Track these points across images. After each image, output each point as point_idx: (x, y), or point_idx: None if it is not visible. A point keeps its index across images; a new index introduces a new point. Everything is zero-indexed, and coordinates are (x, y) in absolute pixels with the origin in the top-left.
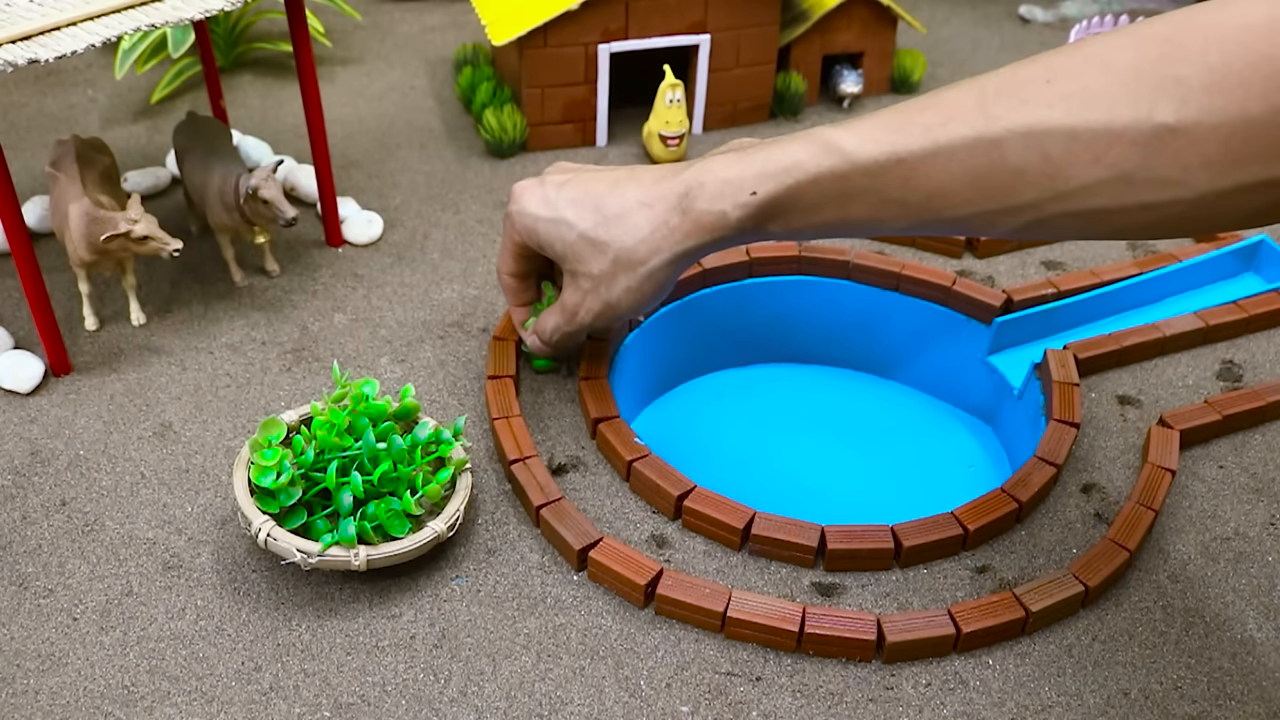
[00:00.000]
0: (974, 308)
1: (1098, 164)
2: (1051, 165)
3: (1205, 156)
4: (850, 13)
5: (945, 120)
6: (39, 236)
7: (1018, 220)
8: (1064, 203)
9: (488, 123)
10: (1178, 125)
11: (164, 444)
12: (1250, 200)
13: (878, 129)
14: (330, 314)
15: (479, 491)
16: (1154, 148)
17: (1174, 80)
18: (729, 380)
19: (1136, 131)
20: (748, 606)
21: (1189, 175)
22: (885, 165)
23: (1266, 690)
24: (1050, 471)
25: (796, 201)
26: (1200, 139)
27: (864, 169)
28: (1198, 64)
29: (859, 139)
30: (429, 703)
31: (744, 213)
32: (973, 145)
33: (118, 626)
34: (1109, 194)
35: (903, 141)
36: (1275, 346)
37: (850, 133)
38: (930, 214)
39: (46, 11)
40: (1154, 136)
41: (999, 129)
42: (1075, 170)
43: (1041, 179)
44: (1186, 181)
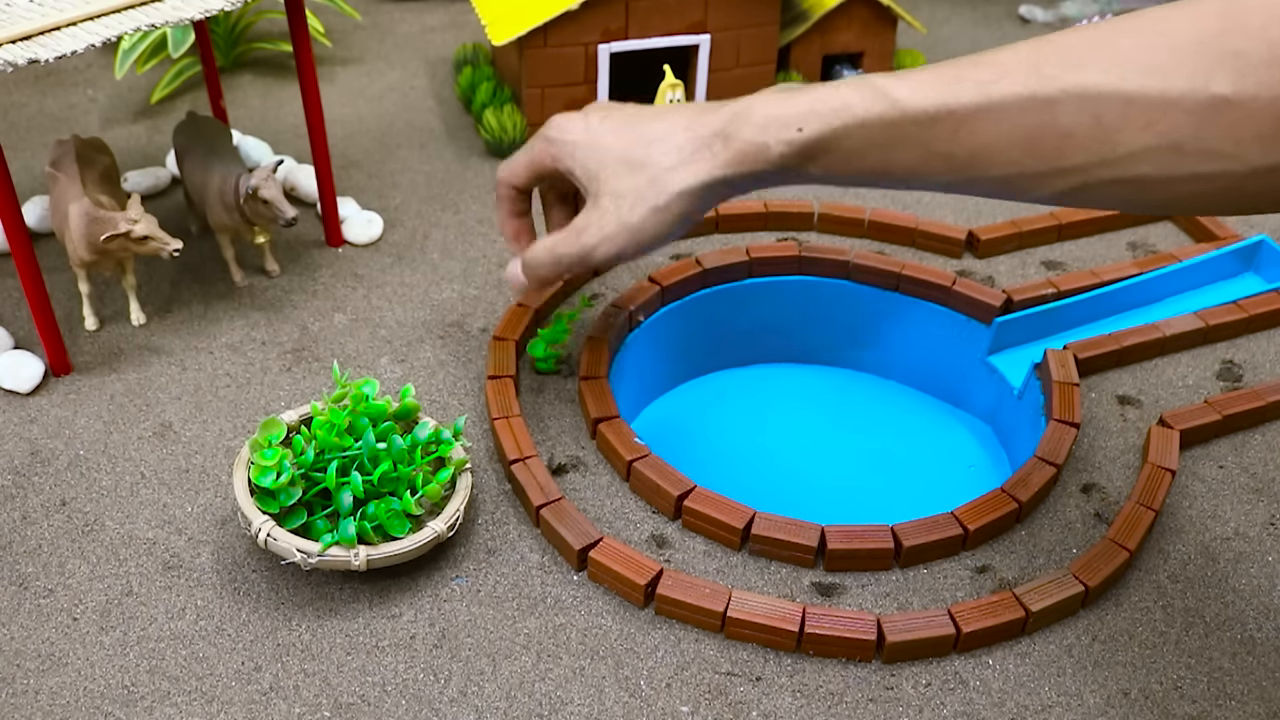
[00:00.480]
0: (974, 308)
1: (1149, 130)
2: (1102, 129)
3: (1259, 130)
4: (850, 13)
5: (999, 76)
6: (39, 236)
7: (1062, 184)
8: (1111, 168)
9: (488, 123)
10: (1234, 97)
11: (164, 444)
12: None
13: (931, 80)
14: (330, 314)
15: (479, 491)
16: (1208, 118)
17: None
18: (729, 380)
19: (1192, 101)
20: (748, 606)
21: (1241, 148)
22: (935, 116)
23: (1266, 690)
24: (1050, 471)
25: (842, 143)
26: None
27: (914, 117)
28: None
29: (911, 88)
30: (429, 703)
31: (787, 148)
32: (1025, 103)
33: (118, 626)
34: (1158, 162)
35: (954, 94)
36: (1275, 346)
37: (903, 82)
38: (975, 170)
39: (46, 11)
40: (1209, 107)
41: (1053, 89)
42: (1126, 135)
43: (1091, 142)
44: (1238, 154)
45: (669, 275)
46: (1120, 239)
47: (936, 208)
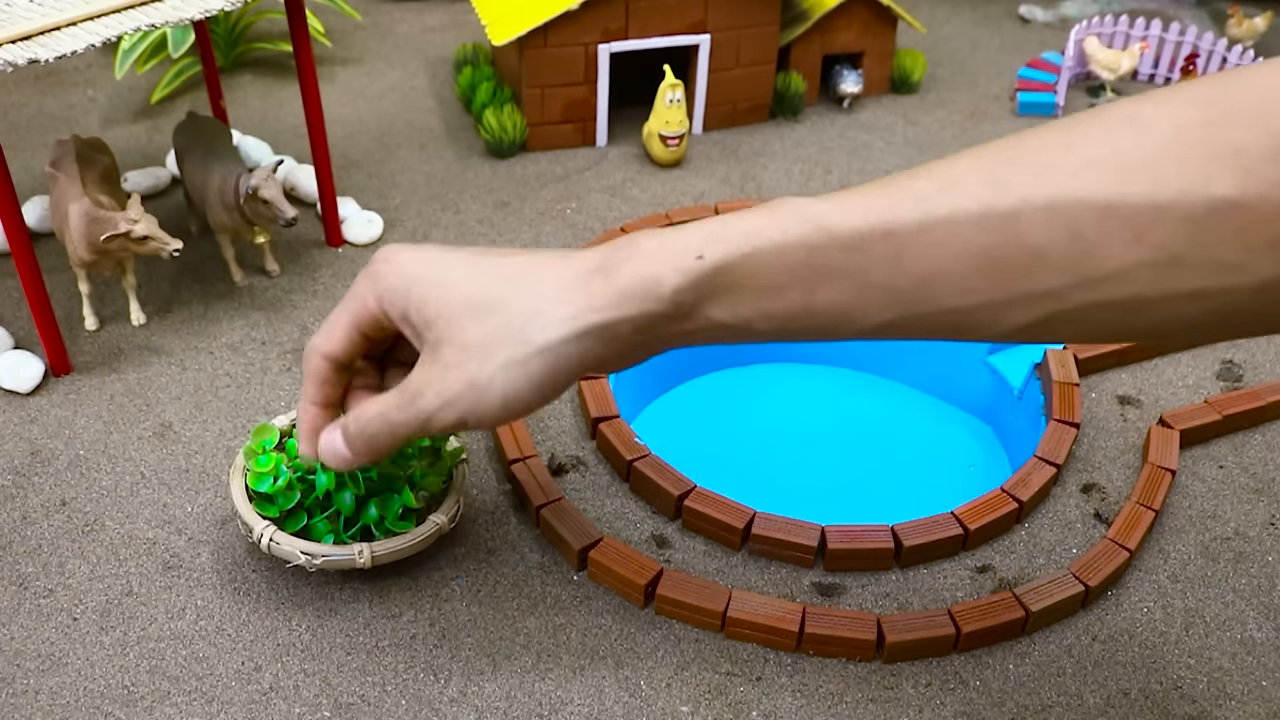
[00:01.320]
0: None
1: (1140, 244)
2: (1082, 244)
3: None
4: (850, 13)
5: (945, 188)
6: (39, 236)
7: (1033, 313)
8: (1094, 290)
9: (488, 123)
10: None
11: (164, 444)
12: None
13: (864, 197)
14: (330, 314)
15: (478, 491)
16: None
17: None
18: (729, 380)
19: (1188, 205)
20: (748, 606)
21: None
22: (869, 238)
23: (1266, 690)
24: (1050, 471)
25: (753, 275)
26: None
27: (843, 241)
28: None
29: (838, 206)
30: (429, 703)
31: (683, 279)
32: (980, 219)
33: (118, 626)
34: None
35: (892, 211)
36: (1275, 346)
37: (828, 201)
38: (921, 303)
39: (46, 11)
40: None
41: (1012, 200)
42: (1111, 251)
43: (1068, 261)
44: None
45: None
46: None
47: None
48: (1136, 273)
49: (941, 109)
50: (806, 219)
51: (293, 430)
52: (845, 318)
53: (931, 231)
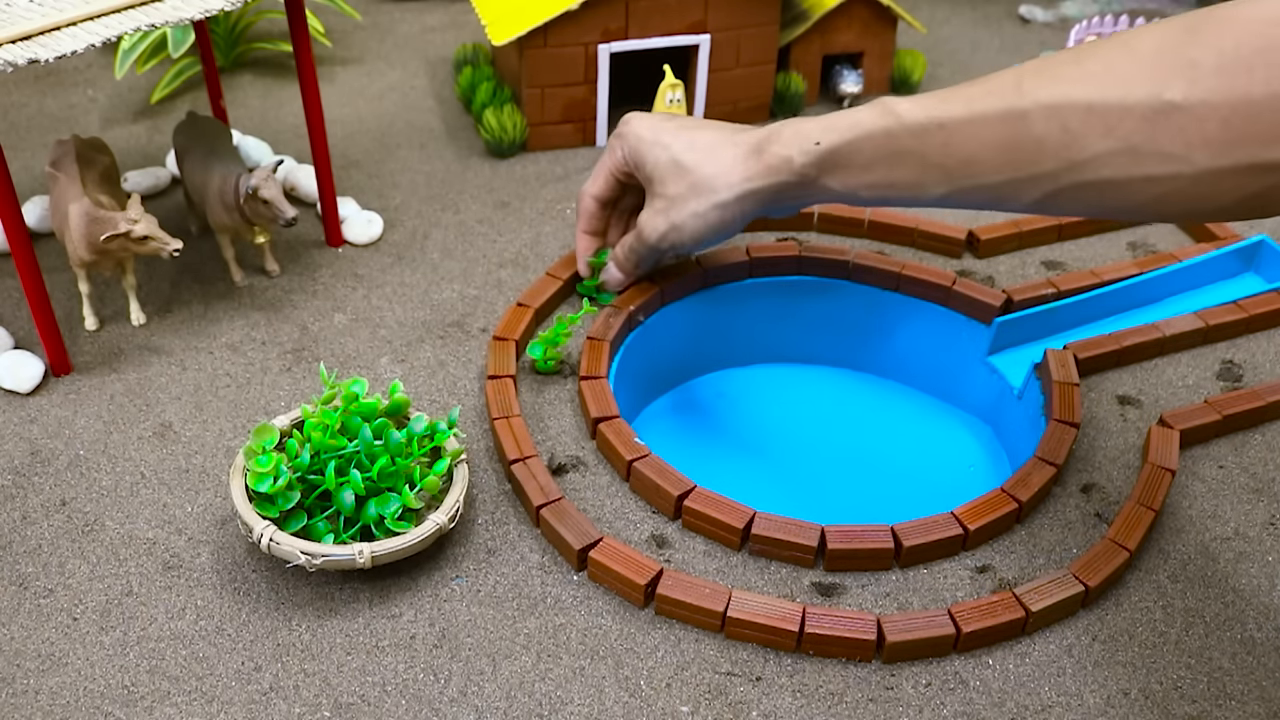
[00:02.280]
0: (974, 308)
1: (1109, 136)
2: (1068, 136)
3: (1205, 135)
4: (850, 13)
5: (985, 94)
6: (39, 236)
7: (1038, 190)
8: (1077, 173)
9: (488, 123)
10: (1184, 103)
11: (164, 444)
12: (1246, 183)
13: (930, 98)
14: (330, 314)
15: (479, 491)
16: (1160, 123)
17: (1188, 62)
18: (729, 380)
19: (1146, 107)
20: (748, 606)
21: (1190, 151)
22: (928, 128)
23: (1266, 690)
24: (1050, 471)
25: (853, 156)
26: (1203, 117)
27: (911, 130)
28: (1212, 49)
29: (912, 104)
30: (429, 703)
31: (807, 159)
32: (1004, 116)
33: (118, 626)
34: (1117, 165)
35: (945, 109)
36: (1275, 346)
37: (908, 100)
38: (965, 180)
39: (46, 11)
40: (1160, 112)
41: (1028, 102)
42: (1088, 141)
43: (1059, 149)
44: (1187, 157)
45: (669, 275)
46: (1120, 239)
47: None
48: (1108, 159)
49: None
50: (890, 113)
51: (293, 430)
52: (917, 189)
53: (970, 124)
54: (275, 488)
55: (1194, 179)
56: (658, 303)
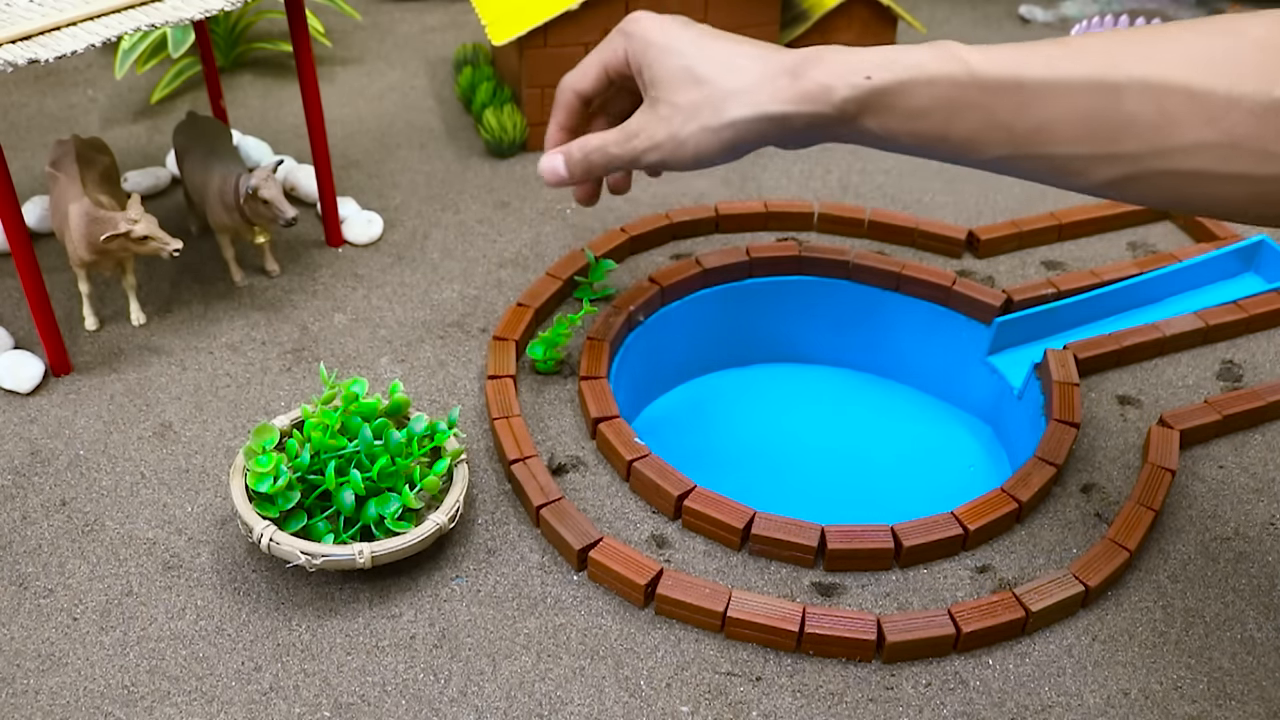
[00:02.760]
0: (974, 308)
1: (1210, 126)
2: (1164, 119)
3: None
4: (850, 13)
5: (1070, 56)
6: (39, 236)
7: (1114, 170)
8: (1165, 159)
9: (488, 123)
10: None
11: (164, 444)
12: None
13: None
14: (330, 314)
15: (479, 491)
16: (1267, 120)
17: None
18: (729, 380)
19: (1254, 102)
20: (748, 606)
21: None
22: (1004, 84)
23: (1266, 690)
24: (1050, 471)
25: (907, 99)
26: None
27: (983, 83)
28: None
29: (985, 55)
30: (429, 703)
31: (851, 93)
32: (1093, 85)
33: (118, 626)
34: (1213, 158)
35: (1027, 66)
36: (1275, 346)
37: (978, 49)
38: (1031, 146)
39: (46, 11)
40: (1269, 110)
41: (1121, 75)
42: (1186, 128)
43: (1150, 131)
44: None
45: (669, 275)
46: (1120, 239)
47: (936, 208)
48: (1202, 151)
49: None
50: (958, 60)
51: (293, 430)
52: (971, 146)
53: (1052, 88)
54: (275, 488)
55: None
56: (658, 303)
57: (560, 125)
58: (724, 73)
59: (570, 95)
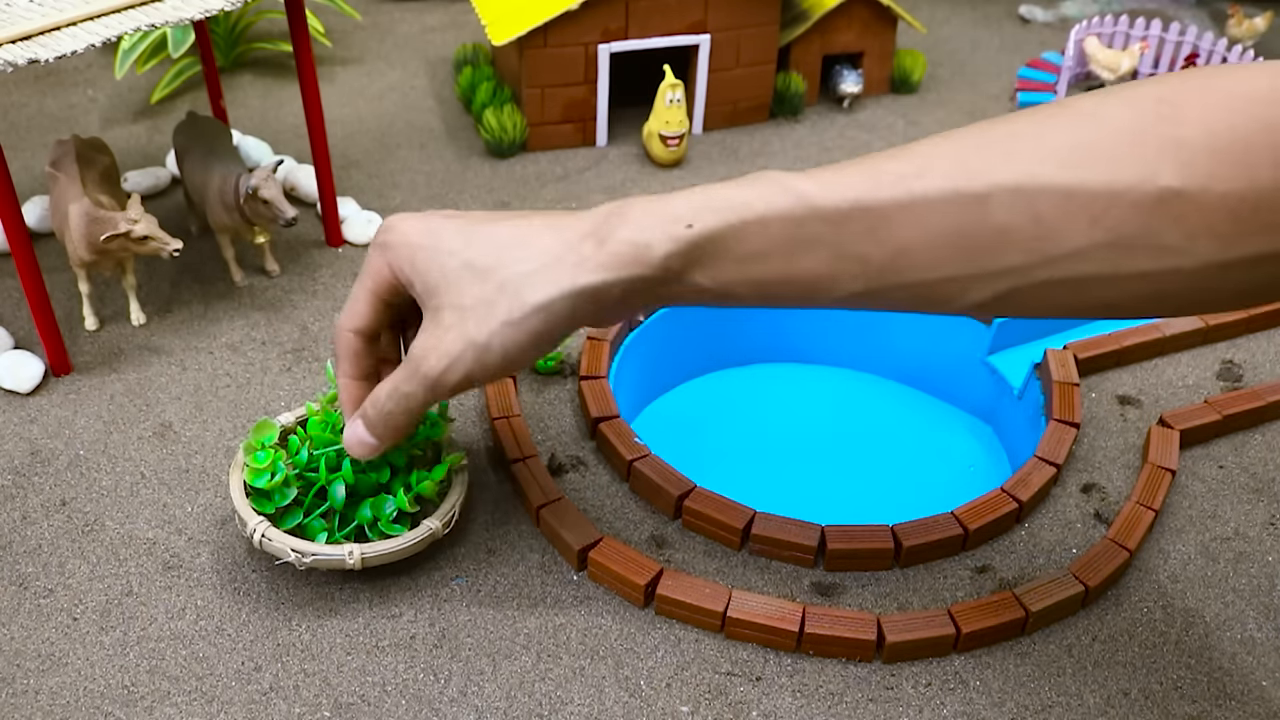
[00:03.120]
0: None
1: (1095, 226)
2: (1043, 226)
3: (1211, 224)
4: (850, 13)
5: (920, 170)
6: (39, 236)
7: (995, 287)
8: (1052, 268)
9: (488, 123)
10: (1183, 190)
11: (164, 444)
12: (1252, 275)
13: (844, 175)
14: (330, 314)
15: (478, 491)
16: (1158, 212)
17: (1175, 142)
18: (729, 380)
19: (1139, 193)
20: (748, 606)
21: (1193, 243)
22: (849, 213)
23: (1266, 690)
24: (1050, 471)
25: (739, 244)
26: (1208, 206)
27: (824, 215)
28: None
29: (820, 184)
30: (429, 703)
31: (673, 247)
32: (952, 199)
33: (118, 626)
34: (1104, 260)
35: (872, 189)
36: (1275, 346)
37: (810, 177)
38: (893, 274)
39: (46, 11)
40: (1158, 200)
41: (982, 184)
42: (1069, 233)
43: (1030, 240)
44: (1190, 250)
45: None
46: None
47: None
48: (1092, 253)
49: (941, 109)
50: (790, 192)
51: (295, 428)
52: (820, 286)
53: (908, 209)
54: (271, 484)
55: (1194, 273)
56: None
57: (350, 375)
58: (513, 256)
59: (348, 338)
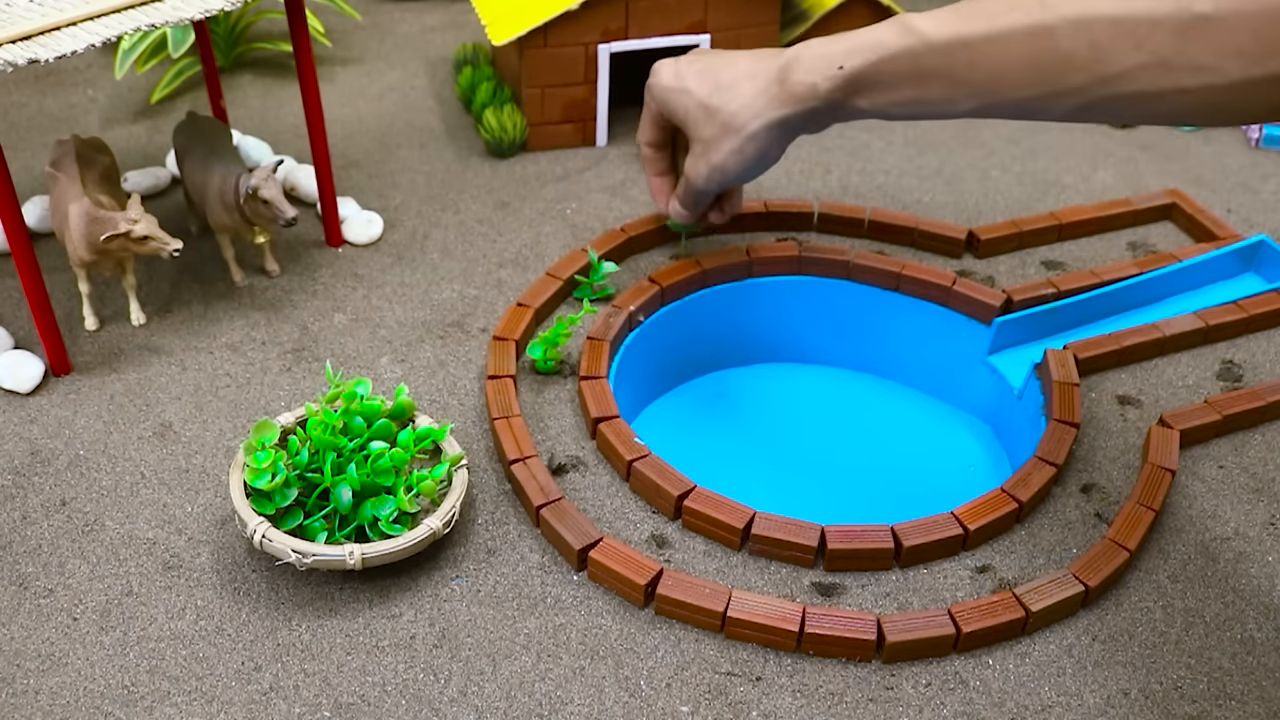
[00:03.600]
0: (974, 308)
1: (1139, 50)
2: (1097, 50)
3: (1239, 45)
4: (850, 12)
5: (1008, 8)
6: (39, 236)
7: (1069, 103)
8: (1108, 86)
9: (488, 123)
10: (1214, 14)
11: (164, 444)
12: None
13: (952, 14)
14: (330, 314)
15: (478, 491)
16: (1191, 35)
17: None
18: (729, 380)
19: (1175, 20)
20: (748, 606)
21: (1223, 62)
22: (953, 46)
23: (1266, 690)
24: (1050, 471)
25: (879, 77)
26: (1235, 28)
27: (935, 48)
28: None
29: (934, 22)
30: (429, 703)
31: (832, 84)
32: (1028, 32)
33: (118, 626)
34: (1148, 79)
35: (968, 26)
36: (1275, 346)
37: (928, 17)
38: (994, 95)
39: (46, 11)
40: (1191, 25)
41: (1053, 17)
42: (1118, 55)
43: (1088, 63)
44: (1220, 68)
45: (669, 275)
46: (1120, 239)
47: (936, 208)
48: (1138, 73)
49: None
50: (912, 31)
51: (295, 428)
52: (948, 105)
53: (993, 41)
54: (272, 484)
55: (1229, 89)
56: (658, 303)
57: (652, 174)
58: (728, 99)
59: (644, 149)
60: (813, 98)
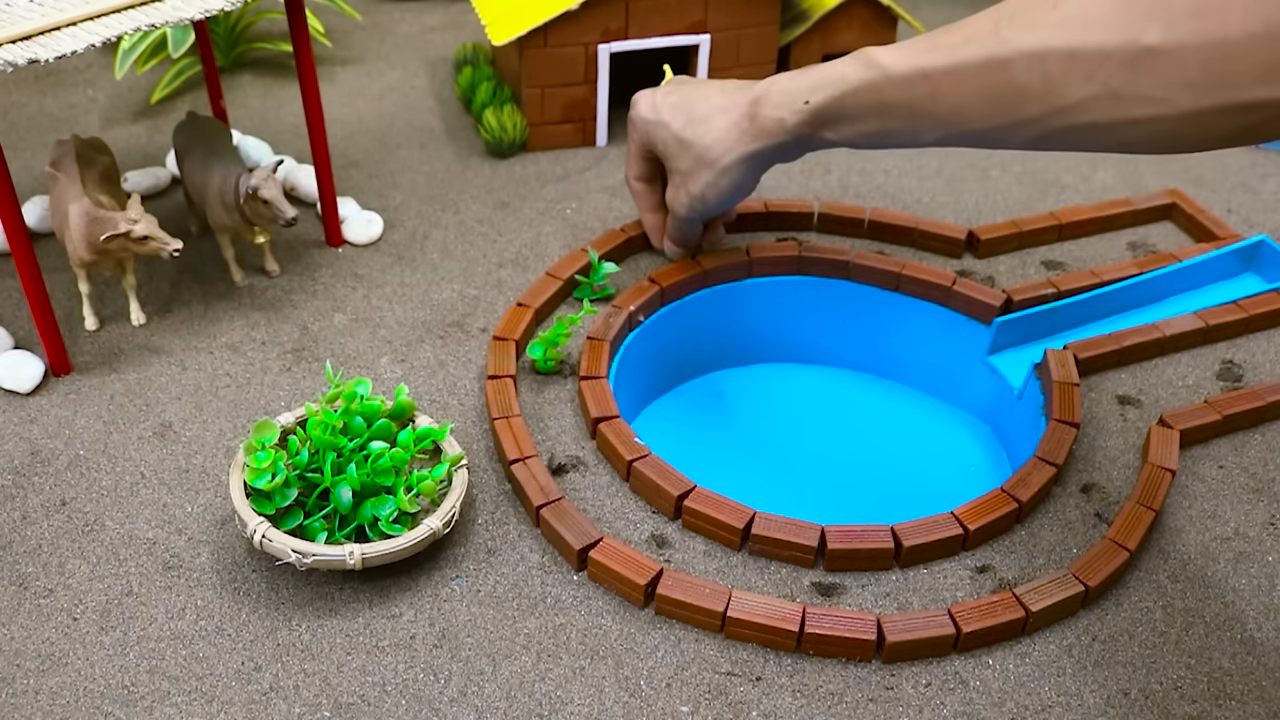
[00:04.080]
0: (974, 308)
1: (1090, 81)
2: (1050, 83)
3: (1187, 77)
4: (850, 13)
5: (965, 41)
6: (39, 236)
7: (1028, 133)
8: (1063, 117)
9: (488, 123)
10: (1161, 47)
11: (164, 444)
12: (1229, 122)
13: (912, 48)
14: (330, 314)
15: (479, 491)
16: (1140, 67)
17: (1162, 5)
18: (729, 380)
19: (1125, 52)
20: (748, 606)
21: (1172, 94)
22: (913, 79)
23: (1266, 690)
24: (1050, 471)
25: (843, 111)
26: (1183, 60)
27: (896, 82)
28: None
29: (895, 55)
30: (429, 703)
31: (799, 119)
32: (985, 65)
33: (118, 626)
34: (1100, 110)
35: (928, 59)
36: (1275, 346)
37: (890, 51)
38: (955, 126)
39: (46, 11)
40: (1140, 57)
41: (1008, 50)
42: (1070, 87)
43: (1043, 95)
44: (1170, 100)
45: (669, 275)
46: (1120, 239)
47: (936, 208)
48: (1090, 104)
49: None
50: (873, 65)
51: (295, 428)
52: (913, 136)
53: (953, 74)
54: (272, 484)
55: (1179, 119)
56: (658, 303)
57: (645, 210)
58: (702, 132)
59: (633, 184)
60: (781, 132)
